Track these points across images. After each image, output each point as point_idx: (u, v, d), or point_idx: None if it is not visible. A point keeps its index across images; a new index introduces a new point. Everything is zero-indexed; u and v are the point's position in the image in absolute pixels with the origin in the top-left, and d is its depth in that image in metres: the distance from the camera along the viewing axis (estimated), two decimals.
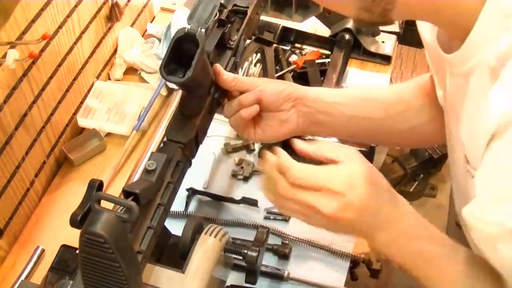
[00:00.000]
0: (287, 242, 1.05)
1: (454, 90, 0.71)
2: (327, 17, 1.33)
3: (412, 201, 2.16)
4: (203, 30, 0.72)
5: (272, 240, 1.05)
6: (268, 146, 1.17)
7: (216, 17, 0.84)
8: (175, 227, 0.87)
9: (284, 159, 0.73)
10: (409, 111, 0.91)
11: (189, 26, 0.72)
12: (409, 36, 1.67)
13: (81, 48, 1.18)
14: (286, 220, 1.09)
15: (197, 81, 0.74)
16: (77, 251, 0.59)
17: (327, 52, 1.36)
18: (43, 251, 1.04)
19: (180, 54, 0.72)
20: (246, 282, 0.85)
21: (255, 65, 1.34)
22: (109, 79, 1.33)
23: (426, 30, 0.79)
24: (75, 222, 0.62)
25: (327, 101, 0.89)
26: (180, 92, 0.81)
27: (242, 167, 1.16)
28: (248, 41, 0.98)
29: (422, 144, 0.94)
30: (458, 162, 0.72)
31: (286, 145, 1.17)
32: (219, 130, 1.21)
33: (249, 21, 0.91)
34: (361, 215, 0.68)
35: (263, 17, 1.19)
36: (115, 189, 1.14)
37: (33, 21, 0.98)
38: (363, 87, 1.28)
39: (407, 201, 0.73)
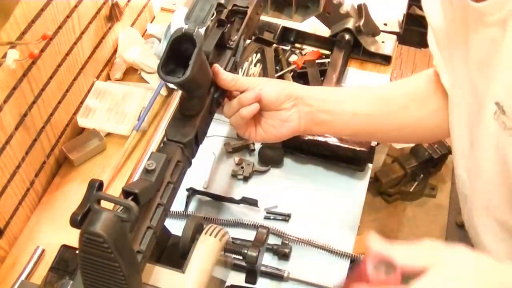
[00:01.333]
0: (287, 242, 1.05)
1: (485, 43, 0.69)
2: (327, 17, 1.33)
3: (412, 201, 2.16)
4: (200, 29, 0.72)
5: (272, 240, 1.05)
6: (269, 147, 1.18)
7: (215, 17, 0.84)
8: (175, 227, 0.87)
9: None
10: (413, 104, 0.91)
11: (186, 26, 0.72)
12: (409, 36, 1.67)
13: (81, 48, 1.18)
14: (286, 220, 1.09)
15: (196, 81, 0.74)
16: (77, 251, 0.59)
17: (327, 52, 1.36)
18: (43, 251, 1.04)
19: (178, 54, 0.72)
20: (246, 282, 0.85)
21: (255, 65, 1.34)
22: (109, 79, 1.33)
23: (433, 12, 0.79)
24: (75, 222, 0.62)
25: (328, 100, 0.89)
26: (180, 92, 0.81)
27: (242, 167, 1.17)
28: (248, 41, 0.98)
29: (425, 138, 0.93)
30: (486, 120, 0.70)
31: (287, 145, 1.18)
32: (219, 130, 1.22)
33: (249, 21, 0.91)
34: None
35: (263, 17, 1.19)
36: (115, 189, 1.14)
37: (33, 21, 0.98)
38: (364, 85, 1.28)
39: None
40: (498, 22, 0.65)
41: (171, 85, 1.27)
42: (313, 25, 1.40)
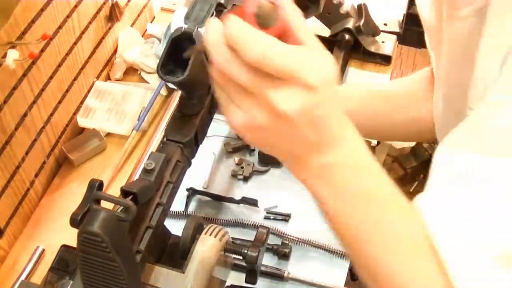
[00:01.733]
0: (287, 242, 1.05)
1: (462, 37, 0.69)
2: (327, 17, 1.33)
3: (412, 201, 2.16)
4: (200, 29, 0.72)
5: (272, 240, 1.05)
6: None
7: (214, 17, 0.84)
8: (175, 227, 0.87)
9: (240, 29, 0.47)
10: (412, 102, 0.92)
11: (186, 26, 0.72)
12: (409, 36, 1.67)
13: (81, 48, 1.18)
14: (286, 220, 1.09)
15: (195, 81, 0.74)
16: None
17: None
18: (43, 251, 1.04)
19: (178, 53, 0.72)
20: (246, 282, 0.85)
21: None
22: (109, 79, 1.33)
23: (425, 8, 0.80)
24: (75, 222, 0.62)
25: None
26: (180, 91, 0.81)
27: (242, 167, 1.16)
28: None
29: (425, 137, 0.94)
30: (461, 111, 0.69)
31: None
32: (219, 130, 1.21)
33: None
34: (315, 123, 0.51)
35: None
36: (115, 189, 1.14)
37: (33, 21, 0.98)
38: (364, 84, 1.28)
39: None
40: (474, 12, 0.64)
41: (171, 85, 1.27)
42: (313, 25, 1.40)
